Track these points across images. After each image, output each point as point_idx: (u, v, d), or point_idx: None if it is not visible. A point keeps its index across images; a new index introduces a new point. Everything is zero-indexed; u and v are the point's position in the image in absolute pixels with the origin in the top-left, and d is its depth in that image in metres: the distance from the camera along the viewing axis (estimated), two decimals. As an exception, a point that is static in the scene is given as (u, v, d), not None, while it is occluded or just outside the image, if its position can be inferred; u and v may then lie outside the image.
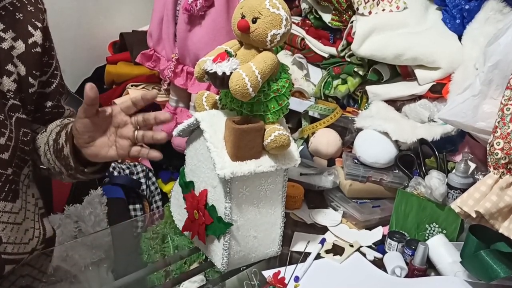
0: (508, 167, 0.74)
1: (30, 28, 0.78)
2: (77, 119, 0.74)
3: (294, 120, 1.34)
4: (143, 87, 1.56)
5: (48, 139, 0.84)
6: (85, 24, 1.66)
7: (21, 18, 0.78)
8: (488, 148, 0.77)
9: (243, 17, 0.77)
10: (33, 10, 0.79)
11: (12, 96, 0.77)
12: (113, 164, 1.46)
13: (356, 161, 1.12)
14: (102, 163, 0.83)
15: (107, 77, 1.61)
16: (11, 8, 0.77)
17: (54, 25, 0.86)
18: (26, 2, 0.79)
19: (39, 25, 0.79)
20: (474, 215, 0.74)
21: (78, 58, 1.65)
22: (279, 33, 0.77)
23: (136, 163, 1.51)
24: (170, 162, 1.56)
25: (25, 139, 0.80)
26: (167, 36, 1.38)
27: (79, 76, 1.65)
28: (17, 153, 0.78)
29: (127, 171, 1.46)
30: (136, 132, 0.76)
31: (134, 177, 1.46)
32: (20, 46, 0.77)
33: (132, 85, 1.56)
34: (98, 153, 0.76)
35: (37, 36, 0.79)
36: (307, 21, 1.35)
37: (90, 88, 0.69)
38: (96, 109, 0.73)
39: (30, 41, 0.78)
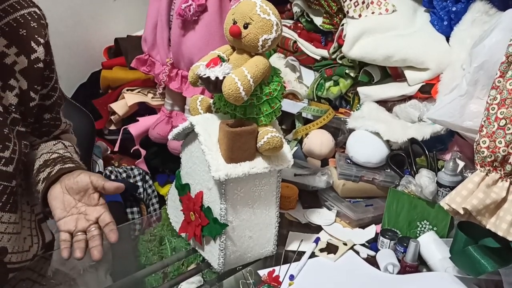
0: (494, 165, 0.76)
1: (33, 44, 0.79)
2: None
3: (288, 121, 1.36)
4: (139, 91, 1.57)
5: (36, 161, 0.84)
6: (80, 30, 1.67)
7: (25, 34, 0.78)
8: (475, 147, 0.79)
9: (234, 22, 0.79)
10: (36, 26, 0.80)
11: (13, 110, 0.78)
12: (109, 168, 1.48)
13: (348, 161, 1.14)
14: None
15: (103, 82, 1.62)
16: (15, 25, 0.77)
17: (49, 31, 0.87)
18: (30, 18, 0.80)
19: (42, 40, 0.80)
20: (462, 212, 0.76)
21: (74, 64, 1.66)
22: (270, 38, 0.79)
23: (133, 166, 1.52)
24: (166, 165, 1.57)
25: (25, 151, 0.81)
26: (162, 41, 1.39)
27: (74, 81, 1.66)
28: (19, 166, 0.80)
29: (124, 175, 1.47)
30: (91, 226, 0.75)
31: (131, 181, 1.47)
32: (23, 61, 0.78)
33: (127, 90, 1.57)
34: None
35: (40, 52, 0.80)
36: (299, 24, 1.37)
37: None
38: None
39: (33, 56, 0.79)
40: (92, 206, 0.76)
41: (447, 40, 1.14)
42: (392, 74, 1.21)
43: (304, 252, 0.92)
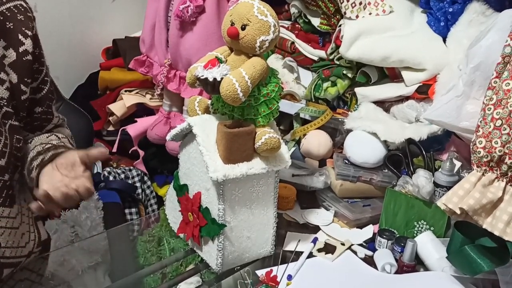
0: (490, 165, 0.76)
1: (20, 36, 0.80)
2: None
3: (286, 122, 1.37)
4: (137, 92, 1.57)
5: (29, 153, 0.85)
6: (78, 31, 1.67)
7: (12, 27, 0.79)
8: (471, 147, 0.79)
9: (232, 24, 0.79)
10: (23, 19, 0.81)
11: (5, 103, 0.78)
12: (108, 169, 1.48)
13: (346, 161, 1.14)
14: None
15: (101, 83, 1.62)
16: (1, 18, 0.78)
17: (47, 32, 0.87)
18: (16, 11, 0.80)
19: (29, 33, 0.81)
20: (458, 212, 0.77)
21: (72, 65, 1.66)
22: (267, 39, 0.79)
23: (131, 167, 1.53)
24: (165, 165, 1.57)
25: (18, 145, 0.82)
26: (160, 42, 1.39)
27: (73, 82, 1.66)
28: (11, 160, 0.80)
29: (122, 176, 1.47)
30: None
31: (130, 181, 1.47)
32: (11, 55, 0.79)
33: (125, 91, 1.57)
34: None
35: (28, 44, 0.81)
36: (297, 25, 1.38)
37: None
38: None
39: (21, 49, 0.80)
40: (75, 178, 0.75)
41: (444, 41, 1.15)
42: (390, 74, 1.21)
43: (302, 252, 0.92)
